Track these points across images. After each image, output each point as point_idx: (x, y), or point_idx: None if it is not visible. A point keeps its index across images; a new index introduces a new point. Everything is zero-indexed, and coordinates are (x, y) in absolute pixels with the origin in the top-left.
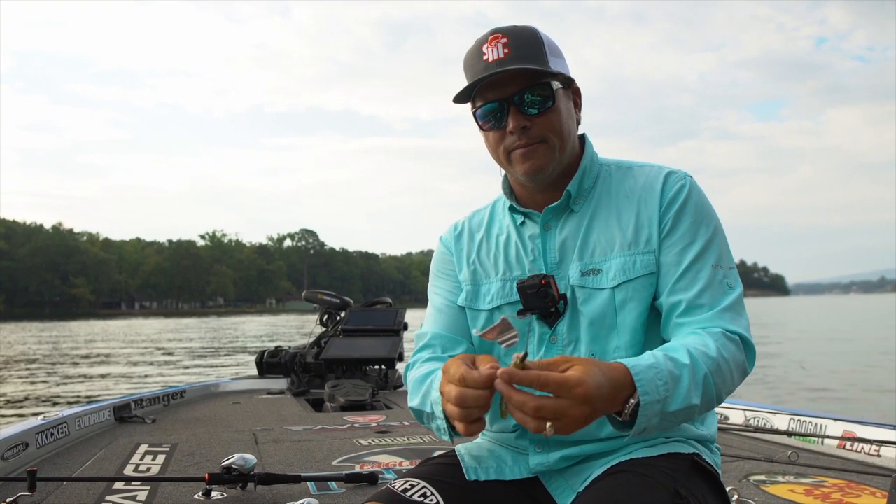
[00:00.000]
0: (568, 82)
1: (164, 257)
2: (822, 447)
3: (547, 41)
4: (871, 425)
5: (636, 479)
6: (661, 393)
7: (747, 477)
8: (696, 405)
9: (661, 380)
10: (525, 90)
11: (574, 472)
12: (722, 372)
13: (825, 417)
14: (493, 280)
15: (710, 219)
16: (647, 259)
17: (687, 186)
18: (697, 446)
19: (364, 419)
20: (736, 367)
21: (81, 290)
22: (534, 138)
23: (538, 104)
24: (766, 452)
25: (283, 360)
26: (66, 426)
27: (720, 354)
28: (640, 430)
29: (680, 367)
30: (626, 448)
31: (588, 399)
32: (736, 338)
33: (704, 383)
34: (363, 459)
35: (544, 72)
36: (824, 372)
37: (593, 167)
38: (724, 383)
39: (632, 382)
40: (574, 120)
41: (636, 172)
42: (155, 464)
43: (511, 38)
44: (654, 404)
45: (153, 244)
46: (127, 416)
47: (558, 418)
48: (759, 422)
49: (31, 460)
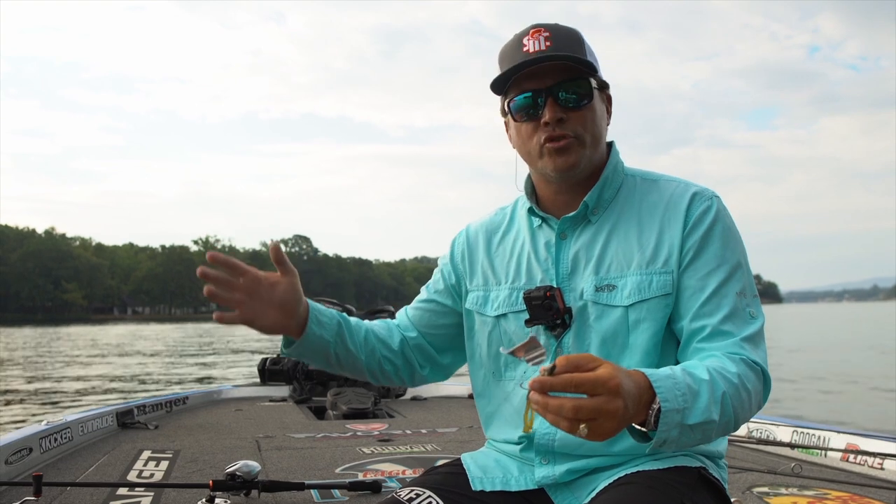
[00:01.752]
0: (603, 86)
1: (157, 263)
2: (825, 459)
3: (587, 44)
4: (874, 438)
5: (642, 490)
6: (681, 403)
7: (751, 489)
8: (714, 421)
9: (679, 390)
10: (565, 82)
11: (580, 485)
12: (741, 397)
13: (829, 430)
14: (502, 287)
15: (735, 244)
16: (664, 280)
17: (714, 209)
18: (704, 461)
19: (366, 427)
20: (754, 395)
21: (74, 296)
22: (568, 132)
23: (575, 100)
24: (770, 464)
25: (285, 367)
26: (69, 431)
27: (740, 380)
28: (661, 443)
29: (699, 381)
30: (633, 461)
31: (621, 393)
32: (757, 368)
33: (723, 402)
34: (366, 468)
35: (584, 68)
36: (827, 380)
37: (616, 177)
38: (742, 409)
39: (650, 388)
40: (606, 123)
41: (661, 186)
42: (158, 470)
43: (553, 32)
44: (673, 413)
45: (146, 249)
46: (130, 422)
47: (595, 417)
48: (762, 433)
49: (35, 465)
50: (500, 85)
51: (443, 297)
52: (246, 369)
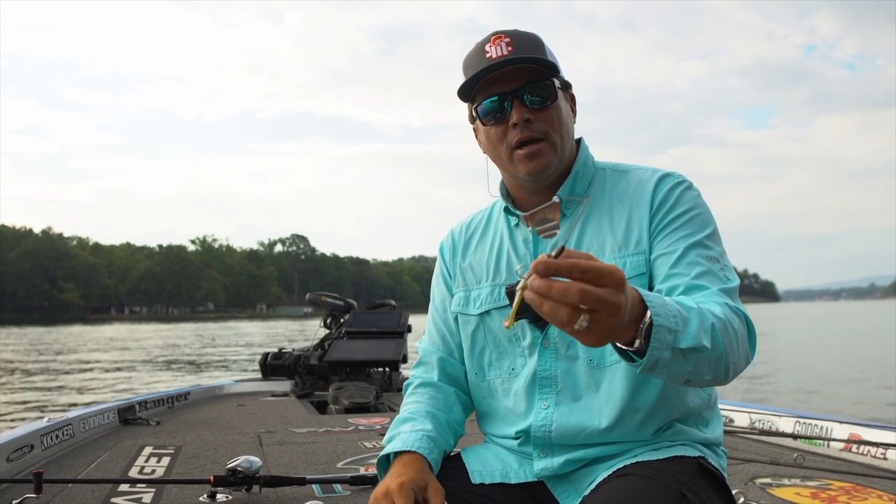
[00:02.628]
0: (566, 86)
1: (155, 262)
2: (827, 450)
3: (548, 47)
4: (877, 428)
5: (642, 481)
6: (672, 323)
7: (753, 480)
8: (707, 348)
9: (670, 311)
10: (529, 84)
11: (579, 477)
12: (728, 333)
13: (831, 420)
14: (483, 285)
15: (704, 217)
16: (638, 260)
17: (680, 188)
18: (703, 450)
19: (368, 421)
20: (741, 337)
21: (71, 295)
22: (537, 132)
23: (539, 101)
24: (772, 455)
25: (286, 362)
26: (70, 428)
27: (726, 318)
28: (653, 363)
29: (688, 309)
30: (632, 451)
31: (624, 289)
32: (741, 313)
33: (713, 332)
34: (368, 462)
35: (547, 70)
36: (828, 374)
37: (587, 171)
38: (731, 347)
39: (641, 301)
40: (572, 122)
41: (631, 175)
42: (160, 466)
43: (514, 38)
44: (665, 331)
45: (143, 249)
46: (131, 418)
47: (597, 309)
48: (764, 424)
49: (37, 462)
50: (466, 92)
51: (449, 305)
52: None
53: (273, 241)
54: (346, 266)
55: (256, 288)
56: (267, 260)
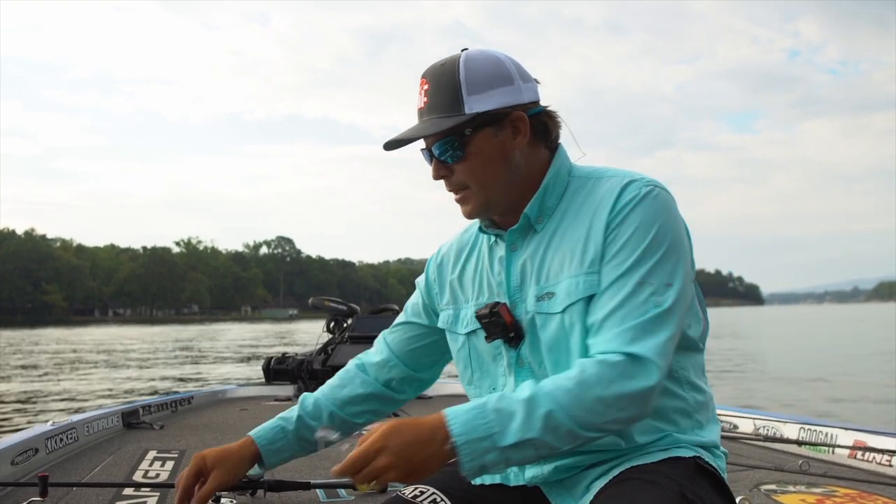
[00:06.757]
0: (496, 118)
1: (139, 264)
2: (833, 456)
3: (468, 79)
4: (882, 434)
5: (643, 486)
6: (485, 431)
7: (758, 486)
8: (534, 438)
9: (484, 418)
10: (439, 142)
11: (574, 482)
12: (583, 404)
13: (836, 427)
14: (469, 304)
15: (658, 229)
16: (591, 280)
17: (642, 195)
18: (698, 450)
19: (372, 426)
20: (610, 393)
21: (54, 297)
22: (455, 185)
23: (450, 155)
24: (777, 461)
25: (289, 366)
26: (75, 432)
27: (581, 387)
28: (476, 468)
29: (515, 403)
30: (627, 456)
31: (383, 451)
32: (622, 359)
33: (546, 419)
34: None
35: (450, 128)
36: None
37: (559, 182)
38: (590, 414)
39: (445, 425)
40: (506, 156)
41: (602, 184)
42: (164, 470)
43: (431, 84)
44: (477, 442)
45: (127, 251)
46: (135, 422)
47: (373, 478)
48: (768, 430)
49: (41, 466)
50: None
51: (421, 318)
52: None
53: (258, 243)
54: (332, 268)
55: (241, 290)
56: (252, 262)
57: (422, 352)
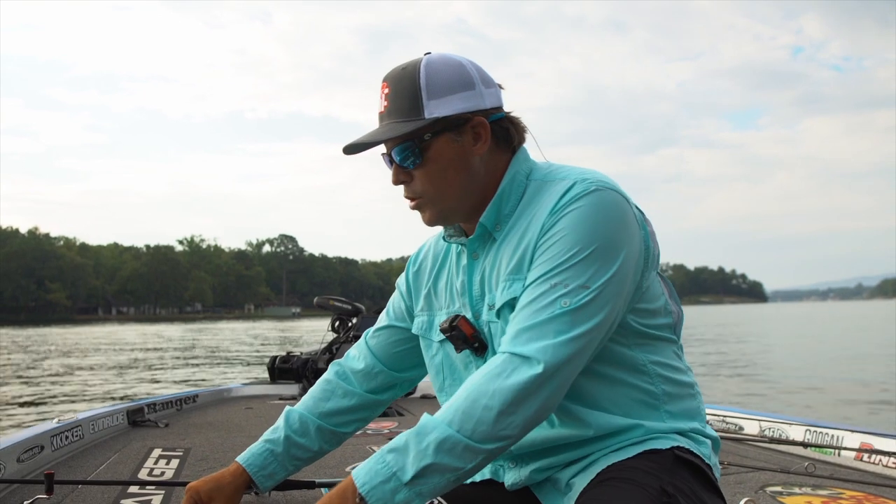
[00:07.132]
0: (456, 123)
1: (142, 262)
2: (839, 459)
3: (428, 83)
4: (889, 437)
5: (623, 485)
6: (385, 474)
7: (763, 488)
8: (432, 463)
9: (382, 463)
10: (398, 147)
11: (555, 480)
12: (472, 416)
13: (842, 429)
14: (442, 312)
15: (589, 229)
16: (517, 286)
17: (582, 195)
18: (677, 438)
19: (376, 425)
20: (496, 401)
21: (57, 296)
22: (412, 192)
23: (410, 162)
24: (782, 463)
25: (294, 365)
26: (80, 429)
27: (469, 399)
28: None
29: (405, 437)
30: (602, 450)
31: None
32: (503, 358)
33: (438, 441)
34: None
35: (407, 134)
36: (829, 377)
37: (515, 188)
38: (481, 425)
39: (352, 482)
40: (466, 162)
41: (555, 185)
42: (169, 468)
43: (391, 87)
44: (380, 486)
45: (131, 249)
46: (140, 420)
47: None
48: (774, 432)
49: (47, 463)
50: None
51: (405, 322)
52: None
53: (261, 241)
54: (335, 266)
55: (244, 288)
56: (255, 260)
57: (406, 354)
